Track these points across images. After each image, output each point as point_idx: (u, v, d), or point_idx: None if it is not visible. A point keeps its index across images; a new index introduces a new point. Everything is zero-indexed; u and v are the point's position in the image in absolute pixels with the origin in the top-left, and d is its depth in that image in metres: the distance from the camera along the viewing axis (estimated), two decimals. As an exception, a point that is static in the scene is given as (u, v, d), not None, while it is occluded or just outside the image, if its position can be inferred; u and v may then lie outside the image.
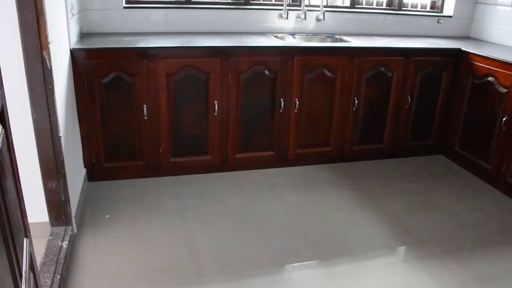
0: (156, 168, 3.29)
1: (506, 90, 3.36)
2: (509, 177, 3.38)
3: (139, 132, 3.15)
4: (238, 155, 3.43)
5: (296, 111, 3.41)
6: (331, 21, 3.96)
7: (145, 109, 3.08)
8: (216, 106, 3.21)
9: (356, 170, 3.69)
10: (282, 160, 3.57)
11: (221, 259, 2.54)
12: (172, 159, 3.29)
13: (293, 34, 3.84)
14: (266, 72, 3.26)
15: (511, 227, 3.07)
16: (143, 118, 3.10)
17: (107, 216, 2.88)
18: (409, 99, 3.73)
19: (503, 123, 3.37)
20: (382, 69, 3.57)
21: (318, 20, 3.91)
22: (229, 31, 3.70)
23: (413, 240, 2.86)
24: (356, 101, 3.56)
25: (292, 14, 3.84)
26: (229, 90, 3.22)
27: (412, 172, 3.74)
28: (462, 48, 3.76)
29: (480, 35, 4.39)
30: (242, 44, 3.24)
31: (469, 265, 2.65)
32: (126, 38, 3.22)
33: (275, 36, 3.65)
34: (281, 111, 3.38)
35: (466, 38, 4.43)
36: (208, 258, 2.54)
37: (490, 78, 3.50)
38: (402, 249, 2.78)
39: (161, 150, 3.23)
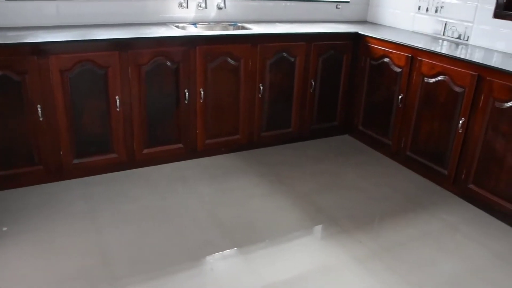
0: (58, 171, 3.11)
1: (400, 70, 3.53)
2: (408, 151, 3.58)
3: (35, 134, 2.94)
4: (145, 151, 3.33)
5: (201, 101, 3.37)
6: (233, 9, 3.94)
7: (39, 109, 2.88)
8: (117, 101, 3.08)
9: (266, 156, 3.73)
10: (191, 152, 3.52)
11: (136, 259, 2.45)
12: (75, 161, 3.13)
13: (194, 23, 3.78)
14: (168, 63, 3.18)
15: (413, 197, 3.26)
16: (38, 120, 2.90)
17: (4, 229, 2.67)
18: (313, 82, 3.82)
19: (399, 100, 3.55)
20: (285, 54, 3.62)
21: (219, 8, 3.87)
22: (127, 22, 3.56)
23: (326, 218, 2.94)
24: (262, 88, 3.58)
25: (193, 3, 3.77)
26: (130, 84, 3.10)
27: (320, 154, 3.85)
28: (359, 32, 3.91)
29: (376, 19, 4.58)
30: (141, 35, 3.13)
31: (377, 236, 2.79)
32: (11, 33, 2.97)
33: (176, 26, 3.57)
34: (186, 102, 3.32)
35: (363, 22, 4.60)
36: (122, 259, 2.44)
37: (385, 59, 3.66)
38: (316, 229, 2.85)
39: (61, 152, 3.05)
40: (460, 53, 3.33)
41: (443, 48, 3.48)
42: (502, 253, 2.73)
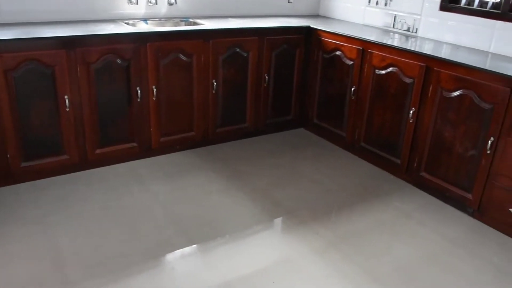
0: (5, 175, 2.99)
1: (352, 62, 3.58)
2: (362, 141, 3.64)
3: (-20, 137, 2.83)
4: (98, 151, 3.25)
5: (154, 99, 3.32)
6: (184, 5, 3.89)
7: (-17, 111, 2.78)
8: (67, 101, 2.99)
9: (222, 152, 3.71)
10: (146, 150, 3.47)
11: (92, 262, 2.39)
12: (23, 164, 3.02)
13: (145, 19, 3.71)
14: (118, 61, 3.11)
15: (368, 187, 3.32)
16: (-19, 122, 2.80)
17: (-50, 234, 2.57)
18: (267, 77, 3.82)
19: (352, 93, 3.61)
20: (238, 49, 3.60)
21: (170, 4, 3.82)
22: (74, 19, 3.46)
23: (283, 211, 2.96)
24: (215, 84, 3.56)
25: (142, -1, 3.71)
26: (80, 83, 3.02)
27: (276, 148, 3.86)
28: (311, 26, 3.94)
29: (328, 13, 4.63)
30: (89, 32, 3.05)
31: (334, 227, 2.83)
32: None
33: (125, 23, 3.49)
34: (138, 100, 3.26)
35: (316, 16, 4.64)
36: (76, 263, 2.37)
37: (337, 52, 3.71)
38: (273, 222, 2.86)
39: (8, 156, 2.93)
40: (409, 45, 3.40)
41: (393, 41, 3.55)
42: (454, 237, 2.82)
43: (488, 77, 2.78)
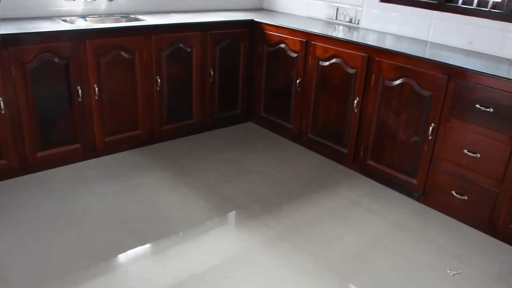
0: None
1: (296, 55, 3.61)
2: (309, 133, 3.68)
3: None
4: (39, 154, 3.12)
5: (96, 98, 3.22)
6: (125, 1, 3.79)
7: None
8: (1, 104, 2.85)
9: (169, 149, 3.66)
10: (90, 151, 3.36)
11: (37, 270, 2.29)
12: (-41, 170, 2.88)
13: (83, 16, 3.59)
14: (56, 59, 3.00)
15: (316, 177, 3.36)
16: None
17: None
18: (212, 72, 3.79)
19: (297, 85, 3.64)
20: (181, 45, 3.55)
21: (109, 0, 3.71)
22: (7, 17, 3.30)
23: (233, 206, 2.96)
24: (159, 80, 3.49)
25: (80, -4, 3.59)
26: (15, 84, 2.88)
27: (224, 143, 3.84)
28: (255, 19, 3.93)
29: (272, 6, 4.63)
30: (23, 31, 2.91)
31: (284, 218, 2.84)
32: None
33: (63, 20, 3.37)
34: (80, 100, 3.15)
35: (260, 9, 4.64)
36: (21, 272, 2.26)
37: (282, 45, 3.72)
38: (224, 217, 2.85)
39: None
40: (351, 37, 3.46)
41: (335, 32, 3.60)
42: (401, 222, 2.90)
43: (426, 65, 2.86)
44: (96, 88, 3.19)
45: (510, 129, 2.58)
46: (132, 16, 3.75)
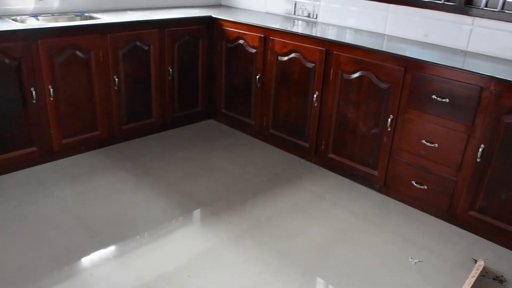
0: None
1: (255, 50, 3.60)
2: (270, 128, 3.69)
3: None
4: (-8, 159, 3.02)
5: (51, 99, 3.12)
6: (78, -1, 3.70)
7: None
8: (-50, 107, 2.75)
9: (130, 149, 3.59)
10: (47, 154, 3.26)
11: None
12: None
13: (35, 15, 3.48)
14: (7, 60, 2.89)
15: (279, 173, 3.36)
16: None
17: None
18: (171, 70, 3.73)
19: (257, 80, 3.63)
20: (138, 43, 3.49)
21: (62, -2, 3.62)
22: (-46, 19, 3.18)
23: (196, 204, 2.93)
24: (117, 80, 3.41)
25: (31, -6, 3.48)
26: (-36, 87, 2.78)
27: (185, 141, 3.80)
28: (213, 15, 3.89)
29: (230, 2, 4.60)
30: (-30, 32, 2.81)
31: (247, 215, 2.84)
32: None
33: (13, 19, 3.25)
34: (34, 102, 3.05)
35: (218, 6, 4.60)
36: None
37: (240, 41, 3.70)
38: (186, 216, 2.81)
39: None
40: (310, 31, 3.47)
41: (294, 27, 3.61)
42: (364, 214, 2.93)
43: (383, 58, 2.90)
44: (51, 89, 3.10)
45: (466, 119, 2.64)
46: (86, 14, 3.65)
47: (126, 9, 3.96)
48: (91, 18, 3.58)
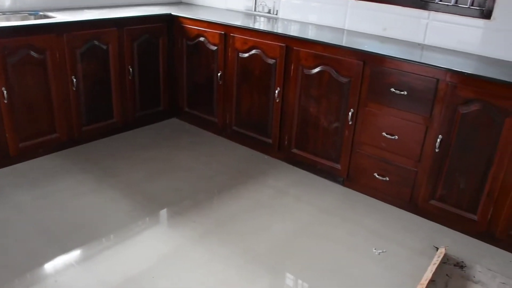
0: None
1: (216, 48, 3.58)
2: (233, 125, 3.68)
3: None
4: None
5: (6, 102, 3.02)
6: (32, -3, 3.60)
7: None
8: None
9: (91, 151, 3.51)
10: (3, 159, 3.16)
11: None
12: None
13: (-14, 16, 3.37)
14: (-43, 62, 2.80)
15: (243, 170, 3.36)
16: None
17: None
18: (131, 69, 3.67)
19: (219, 78, 3.61)
20: (96, 42, 3.42)
21: (15, -3, 3.51)
22: None
23: (160, 204, 2.89)
24: (75, 80, 3.33)
25: (-19, -7, 3.36)
26: None
27: (148, 141, 3.75)
28: (173, 13, 3.85)
29: (190, -1, 4.58)
30: None
31: (211, 213, 2.83)
32: None
33: (-37, 21, 3.15)
34: (-13, 104, 2.97)
35: (178, 3, 4.56)
36: None
37: (201, 38, 3.68)
38: (150, 217, 2.77)
39: None
40: (270, 27, 3.48)
41: (254, 24, 3.60)
42: (328, 207, 2.96)
43: (342, 52, 2.93)
44: (5, 92, 2.99)
45: (424, 110, 2.69)
46: (41, 13, 3.55)
47: (83, 7, 3.87)
48: (46, 17, 3.49)
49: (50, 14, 3.51)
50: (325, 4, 3.61)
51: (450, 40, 3.11)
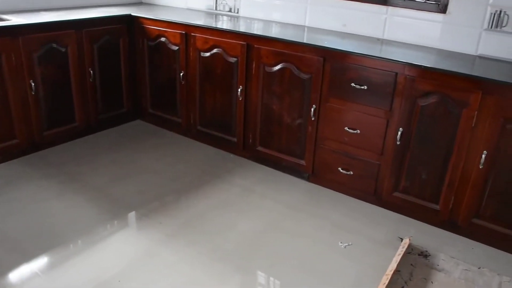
0: None
1: (177, 48, 3.56)
2: (198, 125, 3.66)
3: None
4: None
5: (-39, 108, 2.95)
6: (-15, 1, 3.50)
7: None
8: None
9: (53, 156, 3.44)
10: (-39, 167, 3.08)
11: None
12: None
13: None
14: None
15: (209, 169, 3.36)
16: None
17: None
18: (91, 71, 3.61)
19: (181, 78, 3.59)
20: (54, 45, 3.34)
21: (-32, 1, 3.41)
22: None
23: (125, 207, 2.86)
24: (33, 84, 3.25)
25: None
26: None
27: (113, 143, 3.70)
28: (132, 14, 3.81)
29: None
30: None
31: (178, 213, 2.81)
32: None
33: None
34: None
35: (139, 4, 4.51)
36: None
37: (162, 39, 3.65)
38: (116, 220, 2.74)
39: None
40: (231, 26, 3.48)
41: (215, 22, 3.59)
42: (294, 203, 2.98)
43: (303, 49, 2.95)
44: (-40, 98, 2.92)
45: (384, 104, 2.74)
46: (-5, 16, 3.47)
47: (40, 9, 3.78)
48: (0, 19, 3.40)
49: (4, 16, 3.42)
50: (287, 2, 3.63)
51: (409, 35, 3.17)
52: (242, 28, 3.38)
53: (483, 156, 2.50)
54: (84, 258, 2.39)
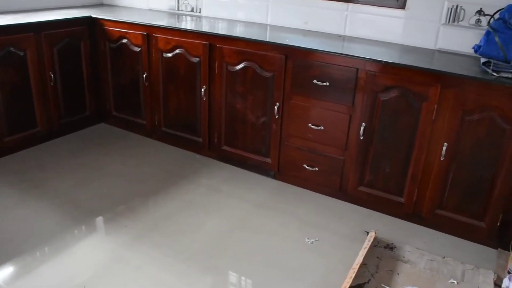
0: None
1: (139, 49, 3.52)
2: (163, 126, 3.63)
3: None
4: None
5: None
6: None
7: None
8: None
9: (15, 162, 3.35)
10: None
11: None
12: None
13: None
14: None
15: (174, 170, 3.34)
16: None
17: None
18: (52, 75, 3.54)
19: (144, 79, 3.56)
20: (12, 49, 3.26)
21: None
22: None
23: (90, 212, 2.81)
24: (-9, 89, 3.19)
25: None
26: None
27: (76, 148, 3.63)
28: (93, 15, 3.75)
29: (112, 1, 4.45)
30: None
31: (143, 216, 2.79)
32: None
33: None
34: None
35: (100, 5, 4.43)
36: None
37: (124, 40, 3.60)
38: (81, 226, 2.69)
39: None
40: (193, 26, 3.46)
41: (177, 23, 3.57)
42: (261, 201, 2.99)
43: (265, 47, 2.96)
44: None
45: (346, 100, 2.77)
46: None
47: (-5, 13, 3.70)
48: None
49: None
50: (249, 1, 3.63)
51: (371, 31, 3.22)
52: (205, 28, 3.37)
53: (444, 148, 2.56)
54: (50, 266, 2.34)
